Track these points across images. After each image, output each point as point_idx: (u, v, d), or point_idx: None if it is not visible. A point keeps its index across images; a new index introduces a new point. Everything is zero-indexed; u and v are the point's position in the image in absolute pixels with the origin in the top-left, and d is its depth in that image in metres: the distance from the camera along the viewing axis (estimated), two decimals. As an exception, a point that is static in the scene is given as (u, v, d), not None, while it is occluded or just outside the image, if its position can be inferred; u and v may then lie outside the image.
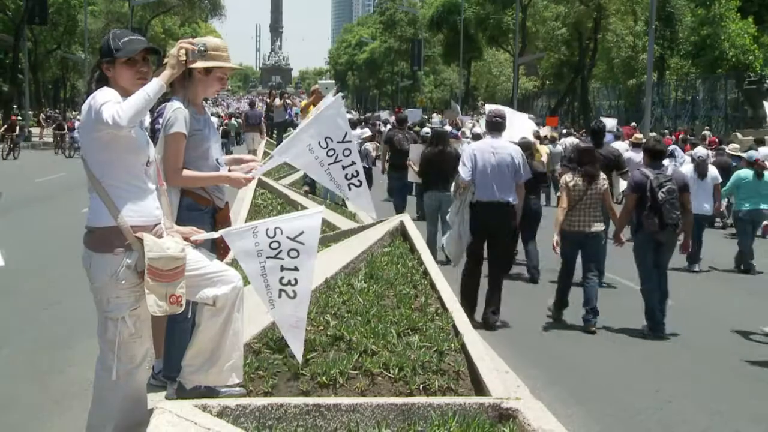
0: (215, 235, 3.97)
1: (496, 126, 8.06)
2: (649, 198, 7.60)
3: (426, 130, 16.84)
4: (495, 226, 7.73)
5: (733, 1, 36.85)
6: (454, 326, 5.01)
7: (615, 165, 9.43)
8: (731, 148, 15.65)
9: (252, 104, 25.47)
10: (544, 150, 13.61)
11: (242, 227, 4.08)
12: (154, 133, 4.48)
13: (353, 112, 33.17)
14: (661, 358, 6.96)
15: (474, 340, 4.75)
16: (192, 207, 4.23)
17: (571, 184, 7.95)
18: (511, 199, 7.67)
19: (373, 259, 6.57)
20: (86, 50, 46.29)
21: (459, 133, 18.63)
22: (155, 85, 3.37)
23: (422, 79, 71.37)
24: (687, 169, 11.94)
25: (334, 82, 41.50)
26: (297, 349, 3.83)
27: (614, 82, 48.06)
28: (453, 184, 8.49)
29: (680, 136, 19.90)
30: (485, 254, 8.01)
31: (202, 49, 3.84)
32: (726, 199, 13.47)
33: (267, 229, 3.88)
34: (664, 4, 38.70)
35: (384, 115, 29.75)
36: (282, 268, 3.83)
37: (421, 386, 4.15)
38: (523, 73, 55.53)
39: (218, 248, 4.13)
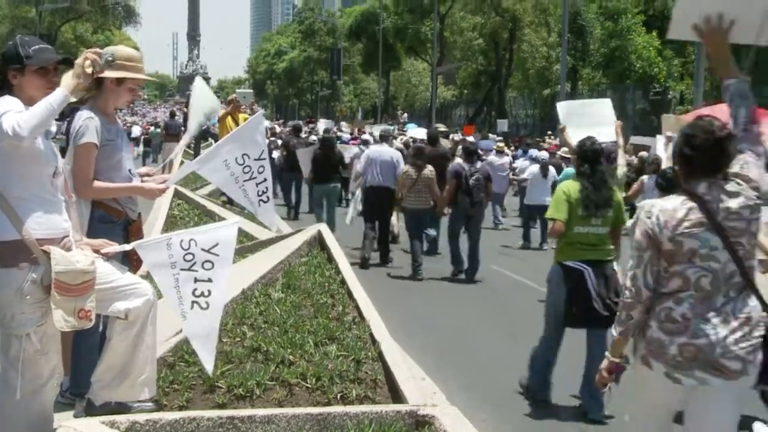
0: (127, 247, 3.90)
1: (383, 138, 13.08)
2: (464, 184, 10.39)
3: (313, 137, 20.02)
4: (379, 202, 11.28)
5: (639, 16, 38.37)
6: (371, 335, 5.04)
7: (444, 162, 11.94)
8: (563, 151, 18.08)
9: (172, 114, 25.07)
10: None
11: (155, 239, 4.02)
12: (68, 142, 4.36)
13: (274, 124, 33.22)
14: (572, 356, 7.14)
15: (391, 348, 4.80)
16: (104, 219, 4.14)
17: (405, 175, 10.84)
18: (390, 185, 11.17)
19: (291, 269, 6.56)
20: (-9, 57, 44.44)
21: (359, 140, 19.64)
22: (59, 95, 3.28)
23: (342, 89, 71.52)
24: (534, 168, 14.70)
25: (252, 91, 41.25)
26: (207, 360, 3.79)
27: (530, 92, 49.21)
28: (353, 175, 12.84)
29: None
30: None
31: (110, 59, 3.77)
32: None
33: (181, 241, 3.83)
34: (576, 17, 39.91)
35: (326, 124, 30.21)
36: (195, 280, 3.78)
37: (339, 395, 4.17)
38: (442, 83, 56.28)
39: (130, 261, 4.05)
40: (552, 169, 14.25)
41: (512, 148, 23.09)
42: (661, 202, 3.24)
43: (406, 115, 44.91)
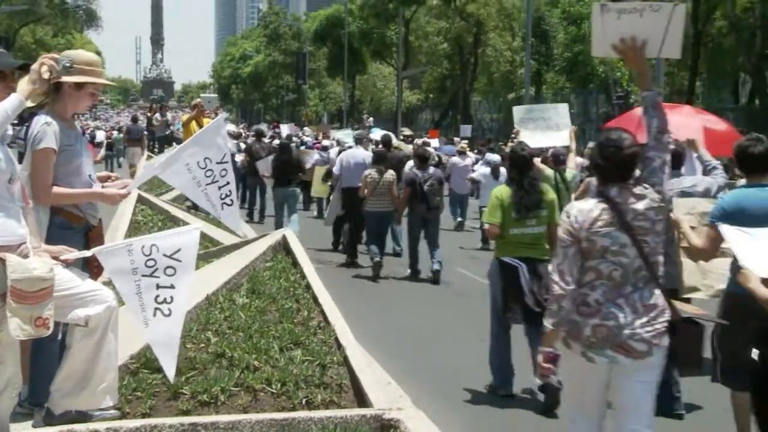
0: (87, 253, 3.85)
1: (358, 141, 13.67)
2: (419, 191, 10.59)
3: (276, 142, 20.30)
4: (352, 200, 11.60)
5: (601, 20, 38.73)
6: (336, 339, 5.03)
7: (400, 165, 12.53)
8: None
9: (134, 119, 24.91)
10: None
11: (116, 245, 3.98)
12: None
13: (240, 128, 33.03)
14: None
15: (356, 352, 4.79)
16: (64, 226, 4.08)
17: (368, 179, 11.04)
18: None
19: (256, 274, 6.52)
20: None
21: (321, 144, 20.64)
22: (14, 100, 3.23)
23: (307, 93, 71.33)
24: (486, 170, 14.87)
25: (216, 96, 41.07)
26: (169, 367, 3.75)
27: (495, 96, 49.53)
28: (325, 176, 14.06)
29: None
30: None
31: (67, 65, 3.72)
32: None
33: (143, 247, 3.80)
34: (539, 22, 40.32)
35: (289, 129, 30.28)
36: (158, 286, 3.75)
37: (304, 400, 4.15)
38: (407, 87, 56.42)
39: (91, 267, 3.99)
40: (504, 171, 14.52)
41: (476, 151, 23.39)
42: (579, 203, 3.65)
43: (371, 119, 44.93)
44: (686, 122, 7.81)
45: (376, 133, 20.67)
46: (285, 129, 29.76)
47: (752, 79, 35.23)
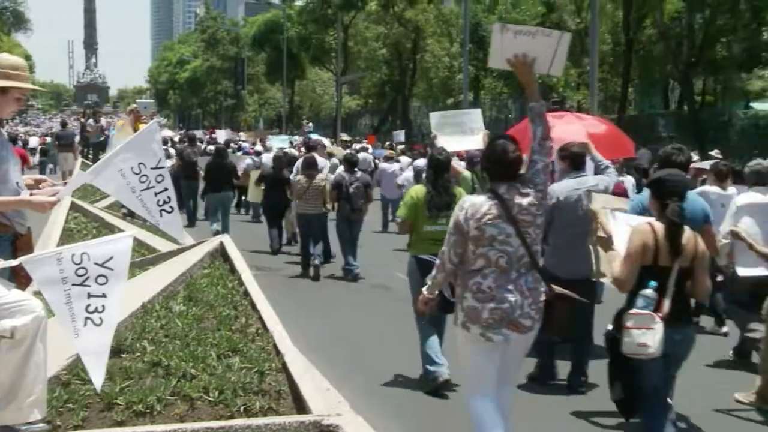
0: (14, 263, 3.73)
1: (312, 147, 14.38)
2: (345, 192, 11.32)
3: (211, 147, 20.98)
4: None
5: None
6: (275, 346, 5.00)
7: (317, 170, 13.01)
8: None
9: (63, 124, 24.34)
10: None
11: (45, 254, 3.87)
12: None
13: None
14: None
15: (295, 359, 4.76)
16: (-12, 234, 3.95)
17: (298, 185, 11.59)
18: None
19: (193, 281, 6.44)
20: None
21: (255, 149, 20.73)
22: None
23: (246, 98, 70.76)
24: (410, 174, 15.08)
25: (153, 101, 40.56)
26: (98, 377, 3.66)
27: (434, 101, 49.89)
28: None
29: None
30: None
31: (-10, 69, 3.61)
32: None
33: (73, 255, 3.71)
34: (477, 28, 40.81)
35: (226, 134, 29.98)
36: (89, 295, 3.67)
37: (242, 408, 4.10)
38: (347, 92, 56.46)
39: (18, 277, 3.87)
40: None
41: (410, 153, 23.69)
42: (472, 198, 4.27)
43: (311, 124, 44.83)
44: (570, 129, 8.16)
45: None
46: (222, 135, 29.57)
47: (680, 86, 36.29)
